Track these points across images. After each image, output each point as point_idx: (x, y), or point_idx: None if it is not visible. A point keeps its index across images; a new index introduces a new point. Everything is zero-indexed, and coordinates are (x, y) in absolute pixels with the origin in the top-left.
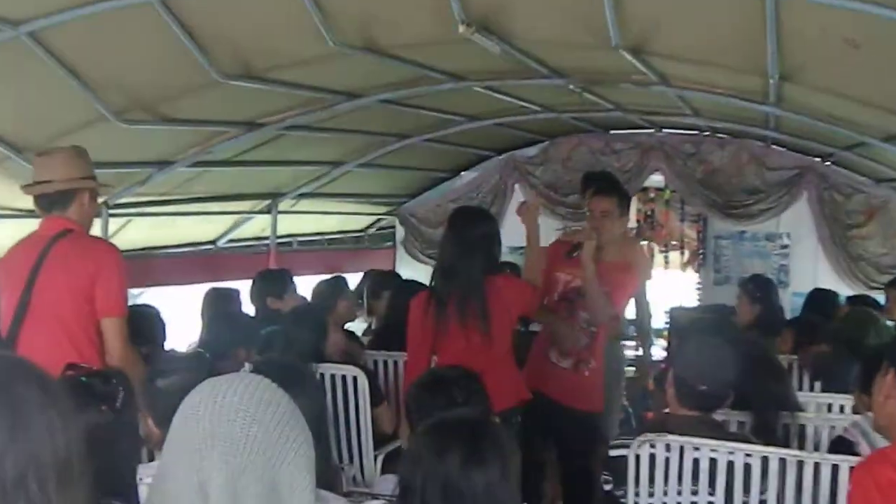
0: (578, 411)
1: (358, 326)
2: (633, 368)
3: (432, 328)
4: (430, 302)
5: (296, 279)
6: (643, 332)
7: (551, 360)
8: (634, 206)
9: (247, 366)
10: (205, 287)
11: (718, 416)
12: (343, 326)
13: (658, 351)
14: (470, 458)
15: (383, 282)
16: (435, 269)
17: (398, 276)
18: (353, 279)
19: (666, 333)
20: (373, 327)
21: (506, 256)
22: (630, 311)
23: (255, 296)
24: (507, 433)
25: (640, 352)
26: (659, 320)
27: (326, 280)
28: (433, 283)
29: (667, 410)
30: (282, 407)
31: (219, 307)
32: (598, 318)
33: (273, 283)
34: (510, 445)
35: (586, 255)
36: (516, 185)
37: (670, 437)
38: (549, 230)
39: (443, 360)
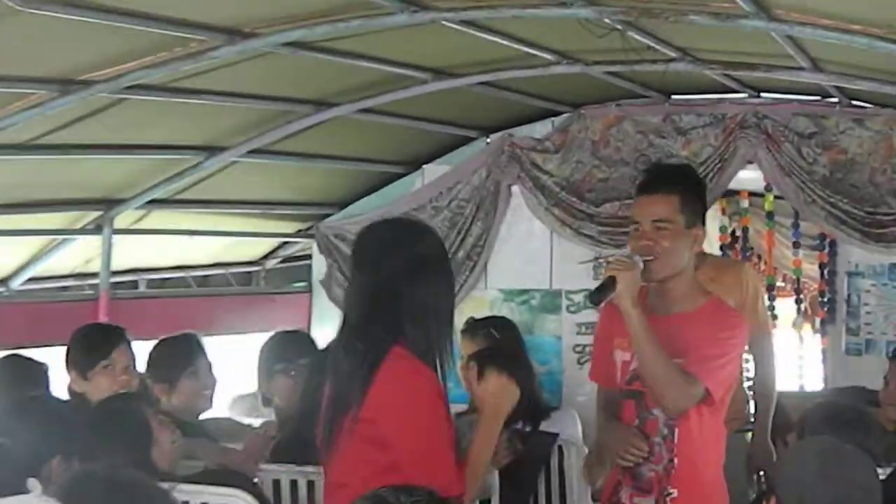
0: None
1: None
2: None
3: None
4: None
5: (143, 344)
6: (763, 404)
7: None
8: (714, 220)
9: (35, 488)
10: None
11: None
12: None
13: None
14: None
15: (289, 350)
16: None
17: (310, 340)
18: (243, 346)
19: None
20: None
21: (497, 303)
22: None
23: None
24: None
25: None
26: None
27: (166, 340)
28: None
29: None
30: None
31: (15, 389)
32: (670, 401)
33: (80, 348)
34: None
35: (624, 296)
36: (514, 187)
37: None
38: (568, 261)
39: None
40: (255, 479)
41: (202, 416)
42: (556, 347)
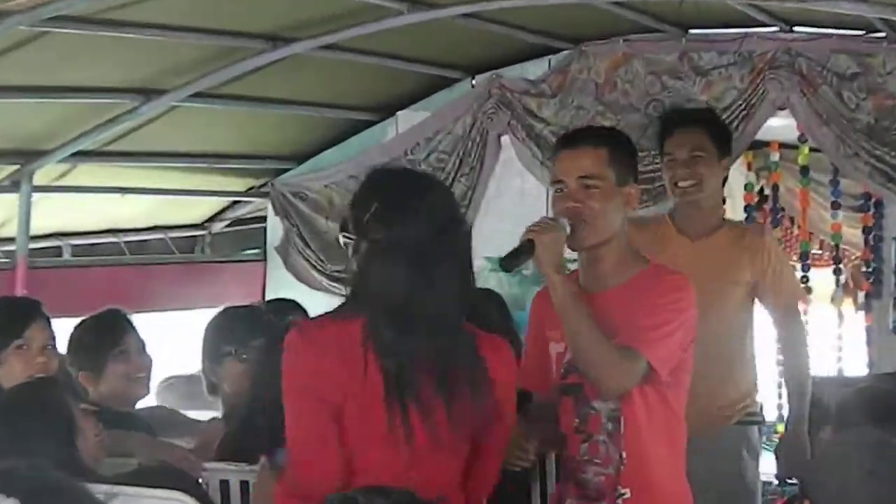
0: None
1: None
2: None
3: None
4: (367, 351)
5: (67, 321)
6: (795, 389)
7: None
8: (738, 177)
9: None
10: None
11: None
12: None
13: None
14: None
15: (241, 329)
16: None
17: (265, 316)
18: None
19: None
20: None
21: (483, 274)
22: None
23: None
24: None
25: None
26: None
27: (86, 321)
28: (376, 327)
29: None
30: None
31: None
32: (606, 382)
33: None
34: None
35: (544, 261)
36: (504, 137)
37: None
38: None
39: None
40: (199, 480)
41: (139, 406)
42: None
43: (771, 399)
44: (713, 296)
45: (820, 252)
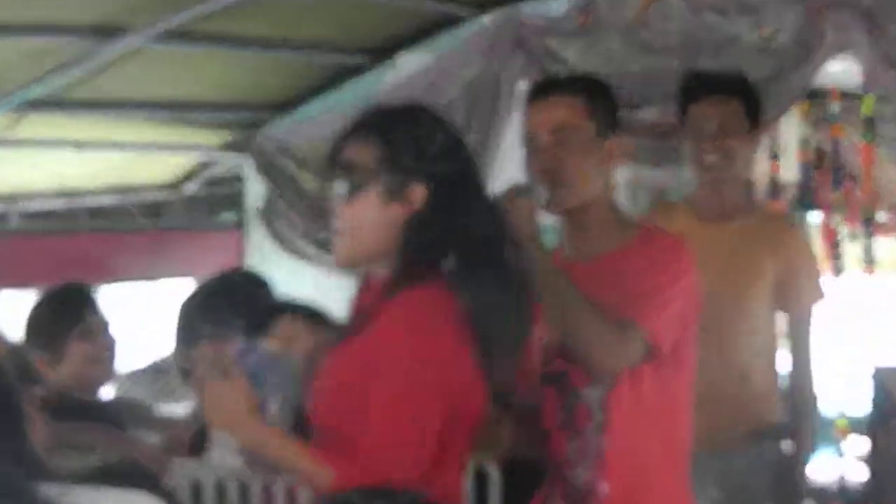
0: None
1: None
2: None
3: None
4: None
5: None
6: (800, 418)
7: None
8: (793, 130)
9: None
10: None
11: None
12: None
13: (845, 463)
14: None
15: (219, 307)
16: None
17: (249, 289)
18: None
19: (869, 425)
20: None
21: None
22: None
23: None
24: None
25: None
26: (851, 396)
27: (44, 298)
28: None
29: None
30: None
31: None
32: (600, 357)
33: None
34: None
35: (522, 221)
36: (521, 83)
37: None
38: None
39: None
40: (169, 479)
41: (104, 396)
42: None
43: None
44: (728, 287)
45: (887, 216)
